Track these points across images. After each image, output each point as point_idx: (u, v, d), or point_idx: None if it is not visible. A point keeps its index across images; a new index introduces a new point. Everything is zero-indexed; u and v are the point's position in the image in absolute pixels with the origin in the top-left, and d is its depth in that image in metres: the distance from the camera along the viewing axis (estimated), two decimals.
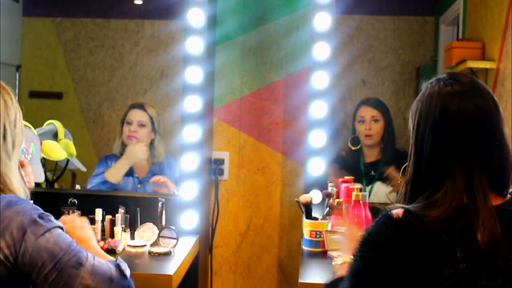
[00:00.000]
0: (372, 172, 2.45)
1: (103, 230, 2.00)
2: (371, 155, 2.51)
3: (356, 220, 1.92)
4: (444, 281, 0.96)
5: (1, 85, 1.24)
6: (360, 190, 1.97)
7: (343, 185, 2.13)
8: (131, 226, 2.03)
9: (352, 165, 2.48)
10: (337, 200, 2.00)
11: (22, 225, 1.13)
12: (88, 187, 2.42)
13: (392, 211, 1.03)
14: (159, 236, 1.93)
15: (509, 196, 1.06)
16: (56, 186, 2.40)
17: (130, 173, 2.48)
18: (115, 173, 2.45)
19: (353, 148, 2.50)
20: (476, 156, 1.02)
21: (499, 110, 1.06)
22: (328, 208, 1.98)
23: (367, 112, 2.48)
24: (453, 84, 1.07)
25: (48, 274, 1.13)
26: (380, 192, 2.41)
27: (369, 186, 2.42)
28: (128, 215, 2.02)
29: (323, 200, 2.14)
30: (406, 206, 1.03)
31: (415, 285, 0.97)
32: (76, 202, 2.10)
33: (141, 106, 2.52)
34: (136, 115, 2.50)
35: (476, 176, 1.01)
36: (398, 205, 1.05)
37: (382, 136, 2.47)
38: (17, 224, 1.13)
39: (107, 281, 1.19)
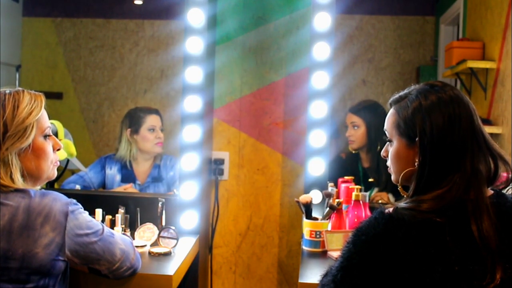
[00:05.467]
0: (371, 179, 2.43)
1: None
2: (366, 160, 2.51)
3: (356, 220, 1.92)
4: (435, 266, 1.01)
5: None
6: (360, 190, 1.97)
7: (343, 185, 2.13)
8: (131, 226, 2.03)
9: (351, 168, 2.48)
10: (337, 200, 2.00)
11: (62, 209, 1.33)
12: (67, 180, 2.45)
13: (385, 209, 1.10)
14: (159, 236, 1.93)
15: (492, 191, 1.15)
16: (56, 186, 2.40)
17: (131, 178, 2.47)
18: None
19: (353, 152, 2.50)
20: (474, 156, 1.11)
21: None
22: (328, 208, 1.98)
23: (349, 118, 2.49)
24: (447, 91, 1.15)
25: (94, 244, 1.38)
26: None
27: (367, 192, 2.41)
28: (128, 215, 2.02)
29: (323, 200, 2.14)
30: (398, 205, 1.10)
31: (405, 272, 1.02)
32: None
33: (157, 112, 2.54)
34: (157, 121, 2.51)
35: (478, 171, 1.10)
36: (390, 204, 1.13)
37: (367, 141, 2.46)
38: (57, 209, 1.33)
39: (131, 246, 1.52)
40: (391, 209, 1.09)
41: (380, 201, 2.35)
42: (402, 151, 1.18)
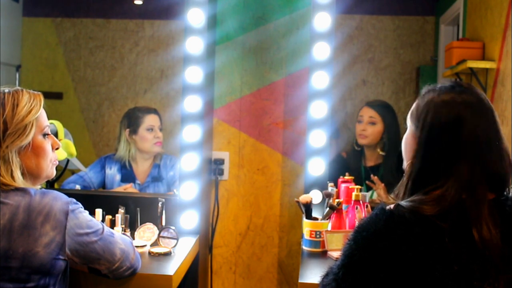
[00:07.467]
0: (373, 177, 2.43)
1: None
2: (371, 159, 2.50)
3: (356, 220, 1.92)
4: (435, 264, 1.01)
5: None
6: (360, 190, 1.97)
7: (343, 185, 2.13)
8: (131, 226, 2.03)
9: (353, 167, 2.47)
10: (337, 200, 2.00)
11: (62, 208, 1.34)
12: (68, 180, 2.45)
13: (386, 205, 1.10)
14: (159, 236, 1.93)
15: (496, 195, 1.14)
16: (56, 186, 2.40)
17: (131, 178, 2.47)
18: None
19: (356, 148, 2.50)
20: (478, 159, 1.10)
21: (497, 121, 1.19)
22: (328, 208, 1.98)
23: (366, 113, 2.47)
24: (463, 93, 1.15)
25: (94, 243, 1.39)
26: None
27: (369, 192, 2.40)
28: (128, 215, 2.02)
29: (323, 200, 2.14)
30: (400, 202, 1.10)
31: (405, 269, 1.02)
32: None
33: (156, 111, 2.54)
34: (155, 120, 2.51)
35: (476, 176, 1.09)
36: (392, 200, 1.14)
37: (379, 139, 2.46)
38: (58, 208, 1.33)
39: (131, 246, 1.53)
40: (392, 206, 1.09)
41: (376, 192, 2.35)
42: (410, 138, 1.20)
